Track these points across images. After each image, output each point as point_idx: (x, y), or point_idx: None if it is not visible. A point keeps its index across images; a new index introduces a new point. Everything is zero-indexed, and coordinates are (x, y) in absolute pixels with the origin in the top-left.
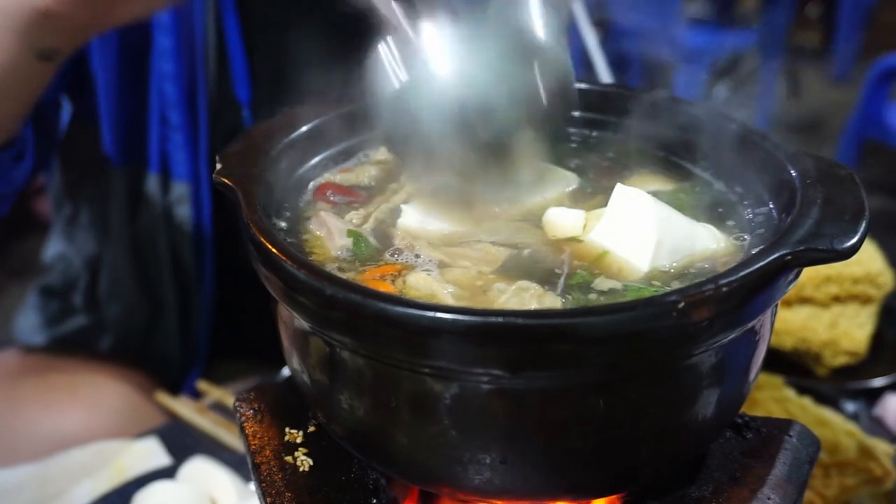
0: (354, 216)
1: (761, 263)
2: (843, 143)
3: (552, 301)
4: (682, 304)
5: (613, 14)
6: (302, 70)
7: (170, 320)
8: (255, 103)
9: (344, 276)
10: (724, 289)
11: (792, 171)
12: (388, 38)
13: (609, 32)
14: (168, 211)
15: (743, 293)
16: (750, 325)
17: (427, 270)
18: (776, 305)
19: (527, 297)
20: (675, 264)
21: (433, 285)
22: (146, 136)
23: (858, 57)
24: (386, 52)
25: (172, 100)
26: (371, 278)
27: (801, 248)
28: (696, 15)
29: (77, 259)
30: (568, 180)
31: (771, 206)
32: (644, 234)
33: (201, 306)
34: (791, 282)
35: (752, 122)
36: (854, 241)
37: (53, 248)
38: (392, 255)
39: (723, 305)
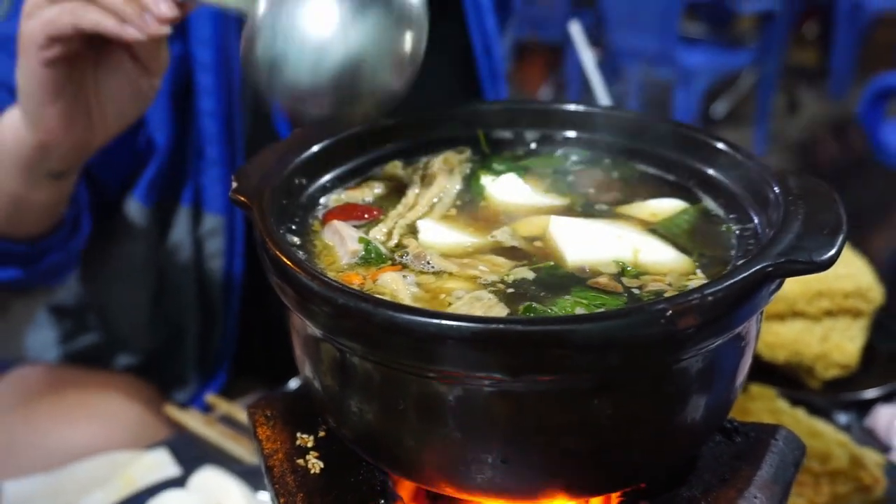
0: (377, 233)
1: (744, 274)
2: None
3: (500, 311)
4: (669, 312)
5: (612, 34)
6: None
7: (189, 346)
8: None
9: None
10: (710, 298)
11: (776, 189)
12: None
13: (608, 52)
14: (199, 244)
15: (727, 302)
16: (735, 332)
17: (418, 273)
18: (761, 313)
19: (478, 306)
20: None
21: (397, 286)
22: (182, 171)
23: (855, 76)
24: None
25: (211, 135)
26: (347, 276)
27: (782, 260)
28: (693, 34)
29: (92, 284)
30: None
31: (756, 221)
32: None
33: (225, 335)
34: (773, 291)
35: (749, 140)
36: (831, 253)
37: None
38: (401, 260)
39: (708, 314)
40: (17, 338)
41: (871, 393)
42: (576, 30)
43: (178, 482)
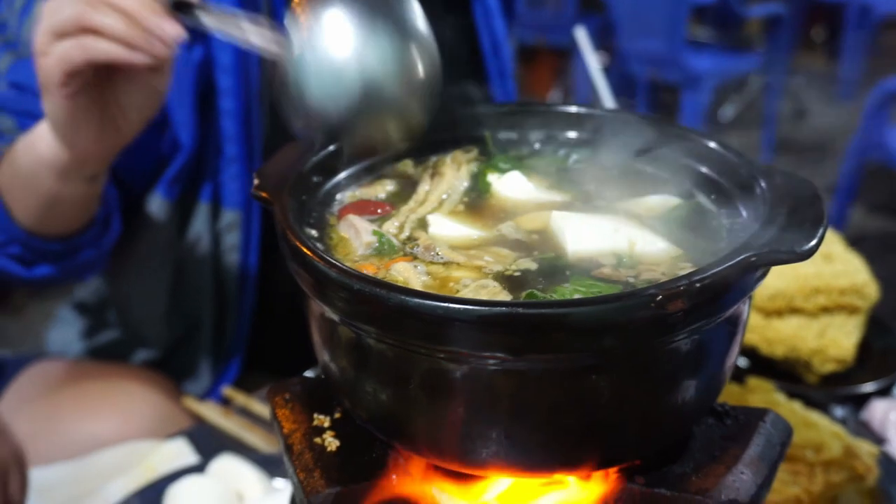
0: (390, 227)
1: (730, 263)
2: (845, 166)
3: (504, 297)
4: (659, 297)
5: (619, 39)
6: None
7: (205, 339)
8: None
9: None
10: (697, 284)
11: (763, 185)
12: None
13: (616, 56)
14: (216, 238)
15: (714, 288)
16: (723, 316)
17: (428, 263)
18: (749, 299)
19: (483, 292)
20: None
21: (409, 274)
22: (202, 168)
23: (863, 80)
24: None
25: (231, 134)
26: (362, 266)
27: (766, 250)
28: (701, 39)
29: (114, 278)
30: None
31: (745, 215)
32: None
33: (239, 328)
34: (759, 279)
35: (757, 144)
36: (811, 244)
37: None
38: (412, 252)
39: (696, 299)
40: (35, 335)
41: (866, 387)
42: (581, 35)
43: (198, 469)
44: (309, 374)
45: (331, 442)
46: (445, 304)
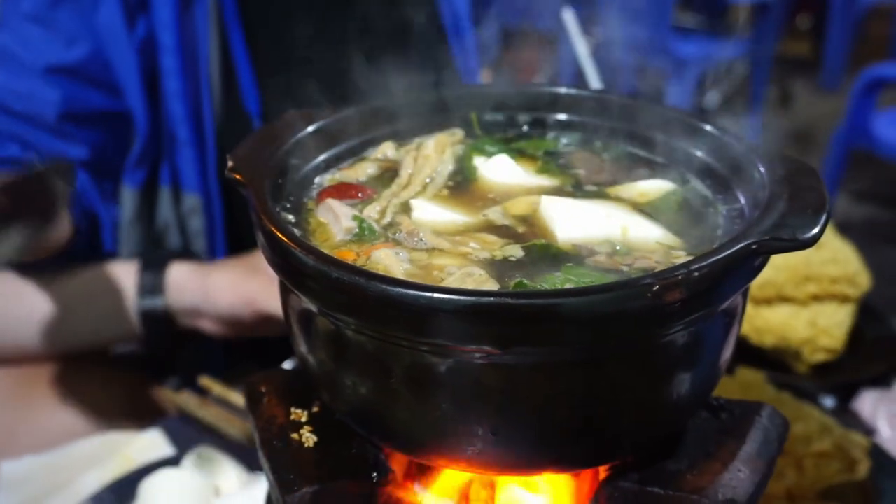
0: (371, 211)
1: (730, 251)
2: (831, 153)
3: (491, 286)
4: (656, 287)
5: (605, 24)
6: (310, 78)
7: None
8: (265, 114)
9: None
10: (695, 273)
11: (762, 170)
12: None
13: (601, 42)
14: (182, 224)
15: (713, 277)
16: (721, 307)
17: (411, 250)
18: (747, 290)
19: (469, 281)
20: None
21: (390, 261)
22: (159, 151)
23: (848, 67)
24: None
25: (179, 116)
26: (341, 253)
27: (767, 237)
28: (687, 25)
29: None
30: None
31: (743, 201)
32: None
33: None
34: (758, 269)
35: (743, 130)
36: (815, 231)
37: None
38: (394, 237)
39: (694, 289)
40: None
41: (856, 377)
42: (569, 17)
43: (173, 461)
44: (287, 365)
45: (308, 437)
46: (429, 294)
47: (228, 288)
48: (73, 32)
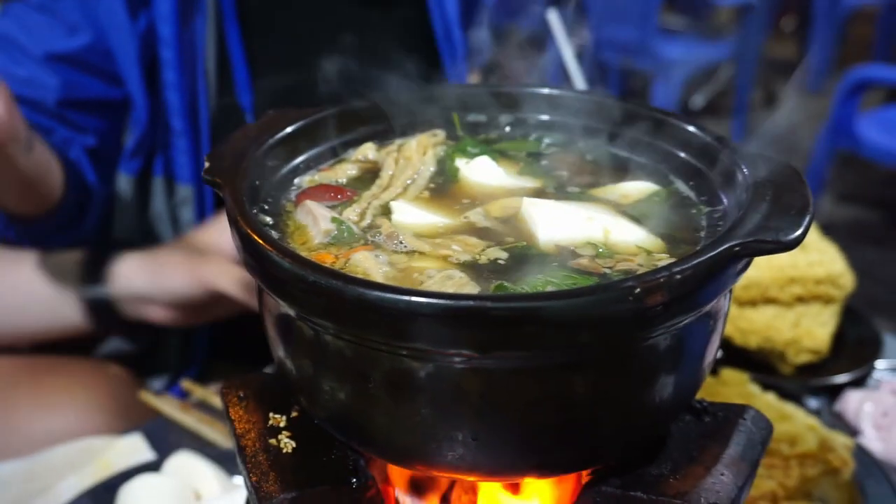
0: (351, 214)
1: (712, 253)
2: (815, 154)
3: (471, 289)
4: (638, 290)
5: (591, 25)
6: (302, 76)
7: (171, 332)
8: (257, 109)
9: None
10: (678, 276)
11: (745, 171)
12: None
13: (587, 43)
14: (174, 214)
15: (695, 280)
16: (704, 310)
17: (391, 252)
18: (730, 292)
19: (449, 284)
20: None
21: (369, 264)
22: (154, 141)
23: (832, 69)
24: None
25: (175, 107)
26: (320, 256)
27: (750, 239)
28: (673, 27)
29: None
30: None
31: (726, 203)
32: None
33: None
34: (741, 271)
35: (727, 132)
36: (798, 233)
37: None
38: (373, 240)
39: (676, 291)
40: None
41: (840, 378)
42: (554, 18)
43: (153, 467)
44: (268, 369)
45: (287, 443)
46: (407, 298)
47: (179, 268)
48: (75, 21)
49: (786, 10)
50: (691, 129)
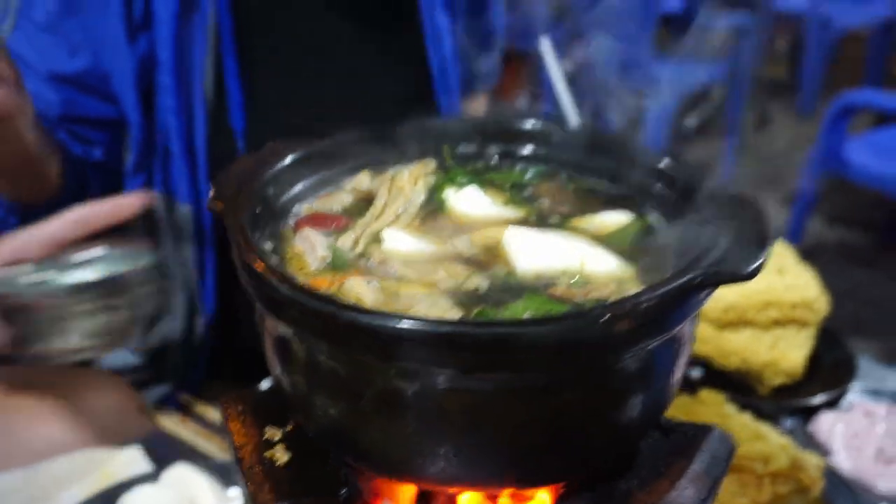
0: (345, 241)
1: (676, 284)
2: (804, 178)
3: (455, 314)
4: (607, 316)
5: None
6: (294, 103)
7: (173, 345)
8: (249, 133)
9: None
10: (644, 304)
11: (712, 205)
12: None
13: (582, 64)
14: (174, 228)
15: (660, 308)
16: (669, 335)
17: (382, 278)
18: (694, 318)
19: (435, 309)
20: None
21: (361, 290)
22: (153, 160)
23: (823, 92)
24: None
25: (173, 131)
26: (316, 281)
27: (711, 270)
28: (665, 47)
29: None
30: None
31: (694, 234)
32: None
33: (202, 331)
34: (703, 300)
35: (719, 153)
36: (754, 266)
37: None
38: (366, 266)
39: (642, 318)
40: None
41: (815, 400)
42: (545, 45)
43: (151, 478)
44: (265, 384)
45: (281, 456)
46: (394, 323)
47: None
48: (77, 43)
49: (779, 32)
50: (668, 161)
